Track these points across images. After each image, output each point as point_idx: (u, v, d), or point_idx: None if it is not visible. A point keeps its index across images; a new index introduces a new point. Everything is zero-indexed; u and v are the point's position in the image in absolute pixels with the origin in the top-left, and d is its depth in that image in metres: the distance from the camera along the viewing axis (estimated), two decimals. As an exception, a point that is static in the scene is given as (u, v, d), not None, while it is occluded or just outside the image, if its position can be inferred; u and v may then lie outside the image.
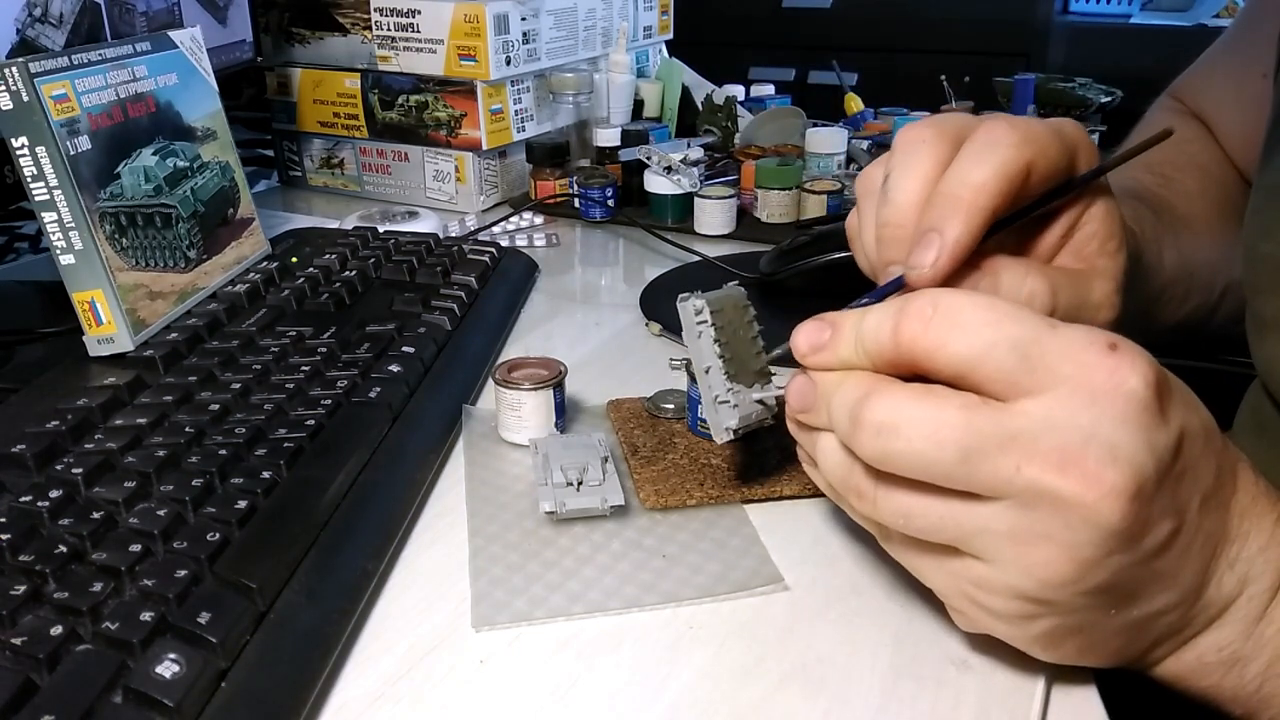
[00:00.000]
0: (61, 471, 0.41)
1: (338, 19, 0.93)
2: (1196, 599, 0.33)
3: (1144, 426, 0.29)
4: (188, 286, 0.59)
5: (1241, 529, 0.33)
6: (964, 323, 0.30)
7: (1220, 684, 0.34)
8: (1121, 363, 0.29)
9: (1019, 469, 0.29)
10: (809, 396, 0.34)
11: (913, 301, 0.31)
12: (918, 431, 0.30)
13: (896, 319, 0.31)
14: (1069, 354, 0.29)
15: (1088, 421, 0.29)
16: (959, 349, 0.30)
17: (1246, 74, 0.62)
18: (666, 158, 0.85)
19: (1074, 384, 0.29)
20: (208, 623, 0.33)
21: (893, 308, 0.32)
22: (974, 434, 0.29)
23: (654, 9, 1.13)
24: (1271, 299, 0.49)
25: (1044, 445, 0.29)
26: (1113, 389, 0.29)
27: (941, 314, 0.31)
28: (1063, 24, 2.18)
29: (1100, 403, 0.29)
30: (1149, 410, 0.29)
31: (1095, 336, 0.30)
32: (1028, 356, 0.29)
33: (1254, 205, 0.52)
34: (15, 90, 0.49)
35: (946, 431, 0.29)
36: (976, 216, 0.35)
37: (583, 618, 0.38)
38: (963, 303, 0.31)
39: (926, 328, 0.31)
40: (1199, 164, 0.65)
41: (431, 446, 0.49)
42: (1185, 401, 0.31)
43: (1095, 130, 1.06)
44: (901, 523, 0.32)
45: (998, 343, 0.30)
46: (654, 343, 0.65)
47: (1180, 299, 0.57)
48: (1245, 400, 0.57)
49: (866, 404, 0.31)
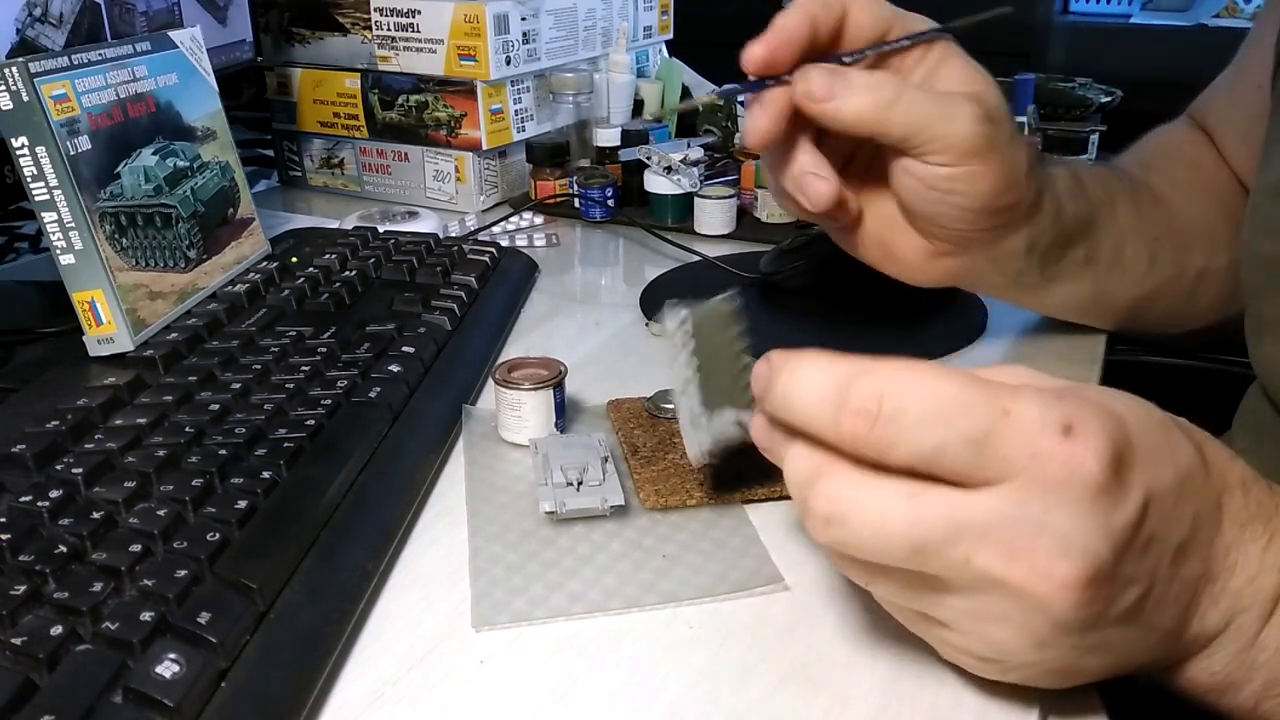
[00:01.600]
0: (61, 471, 0.41)
1: (338, 19, 0.93)
2: (1179, 638, 0.32)
3: (1099, 512, 0.28)
4: (188, 286, 0.59)
5: (1227, 563, 0.32)
6: (912, 421, 0.28)
7: (1218, 703, 0.34)
8: (1075, 449, 0.28)
9: (968, 561, 0.29)
10: (766, 438, 0.34)
11: (854, 391, 0.29)
12: (863, 522, 0.29)
13: (836, 417, 0.29)
14: (1023, 443, 0.28)
15: (1039, 512, 0.28)
16: (910, 450, 0.29)
17: (1243, 86, 0.63)
18: (666, 158, 0.85)
19: (1028, 476, 0.28)
20: (208, 623, 0.33)
21: (830, 390, 0.29)
22: (921, 527, 0.29)
23: (654, 9, 1.13)
24: (1269, 299, 0.49)
25: (994, 537, 0.28)
26: (1066, 478, 0.28)
27: (886, 414, 0.28)
28: (1063, 24, 2.17)
29: (1054, 492, 0.28)
30: (1104, 493, 0.28)
31: (1050, 418, 0.28)
32: (981, 451, 0.28)
33: (1252, 206, 0.52)
34: (15, 90, 0.49)
35: (892, 524, 0.29)
36: (802, 12, 0.44)
37: (583, 618, 0.38)
38: (909, 394, 0.28)
39: (871, 428, 0.29)
40: (1190, 160, 0.65)
41: (431, 446, 0.49)
42: (1153, 458, 0.30)
43: (1095, 130, 1.06)
44: (864, 584, 0.33)
45: (949, 442, 0.28)
46: (654, 343, 0.65)
47: (1146, 262, 0.57)
48: (1244, 401, 0.57)
49: (813, 490, 0.30)
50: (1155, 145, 0.68)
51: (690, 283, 0.73)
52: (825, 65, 0.44)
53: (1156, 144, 0.68)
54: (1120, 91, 1.11)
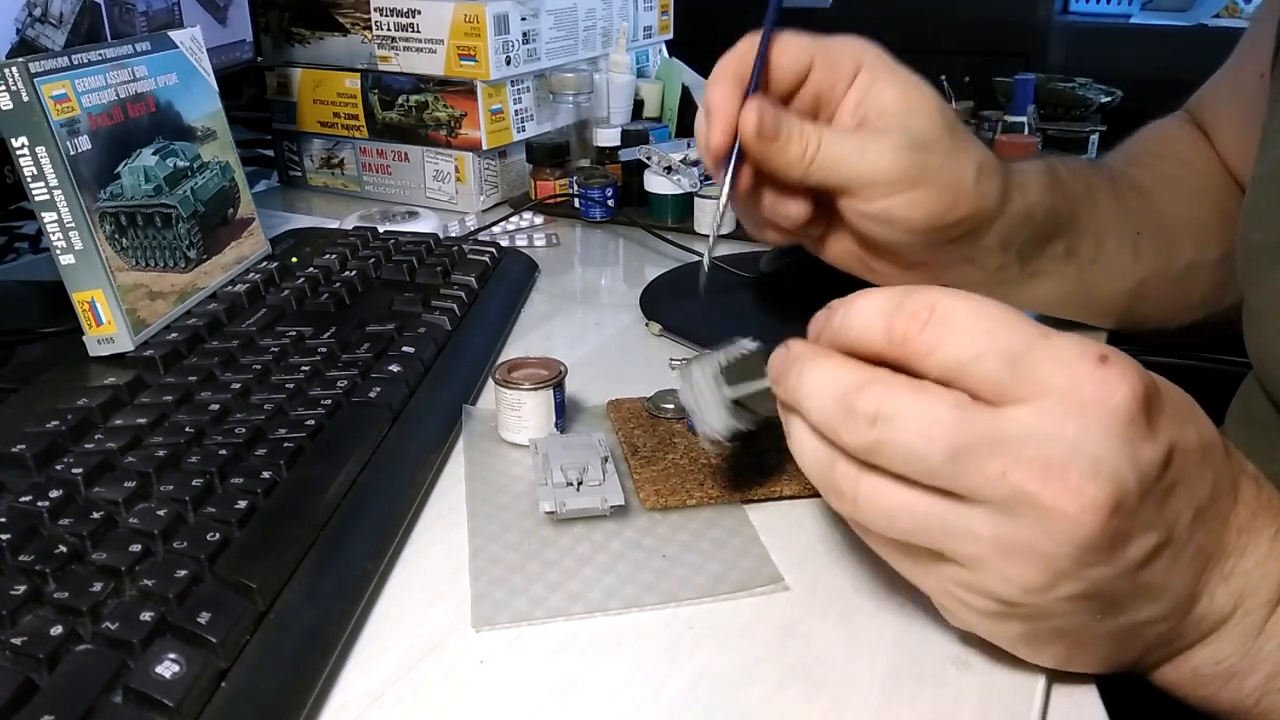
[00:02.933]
0: (61, 471, 0.41)
1: (338, 19, 0.93)
2: (1187, 612, 0.32)
3: (1128, 440, 0.29)
4: (188, 286, 0.59)
5: (1239, 543, 0.32)
6: (958, 328, 0.30)
7: (1218, 696, 0.34)
8: (1110, 375, 0.29)
9: (1004, 475, 0.29)
10: (781, 363, 0.34)
11: (909, 300, 0.31)
12: (912, 424, 0.30)
13: (890, 317, 0.31)
14: (1059, 364, 0.29)
15: (1073, 433, 0.29)
16: (951, 353, 0.30)
17: (1244, 78, 0.63)
18: (666, 158, 0.85)
19: (1061, 395, 0.29)
20: (208, 623, 0.33)
21: (887, 303, 0.32)
22: (965, 433, 0.29)
23: (654, 9, 1.13)
24: (1263, 289, 0.49)
25: (1030, 453, 0.29)
26: (1099, 401, 0.29)
27: (937, 317, 0.31)
28: (1063, 24, 2.17)
29: (1086, 415, 0.29)
30: (1134, 424, 0.29)
31: (1086, 348, 0.30)
32: (1017, 365, 0.29)
33: (1249, 195, 0.52)
34: (15, 90, 0.49)
35: (939, 427, 0.29)
36: (727, 82, 0.46)
37: (583, 618, 0.38)
38: (959, 307, 0.31)
39: (921, 329, 0.31)
40: (1179, 156, 0.66)
41: (431, 446, 0.49)
42: (1180, 415, 0.31)
43: (1095, 130, 1.06)
44: (884, 524, 0.32)
45: (989, 351, 0.30)
46: (654, 343, 0.65)
47: (1130, 255, 0.57)
48: (1239, 392, 0.57)
49: (861, 392, 0.31)
50: (1144, 140, 0.68)
51: (690, 283, 0.73)
52: (749, 124, 0.45)
53: (1145, 139, 0.68)
54: (1120, 91, 1.11)
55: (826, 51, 0.47)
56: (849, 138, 0.46)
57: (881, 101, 0.47)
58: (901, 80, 0.47)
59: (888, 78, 0.47)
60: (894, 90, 0.47)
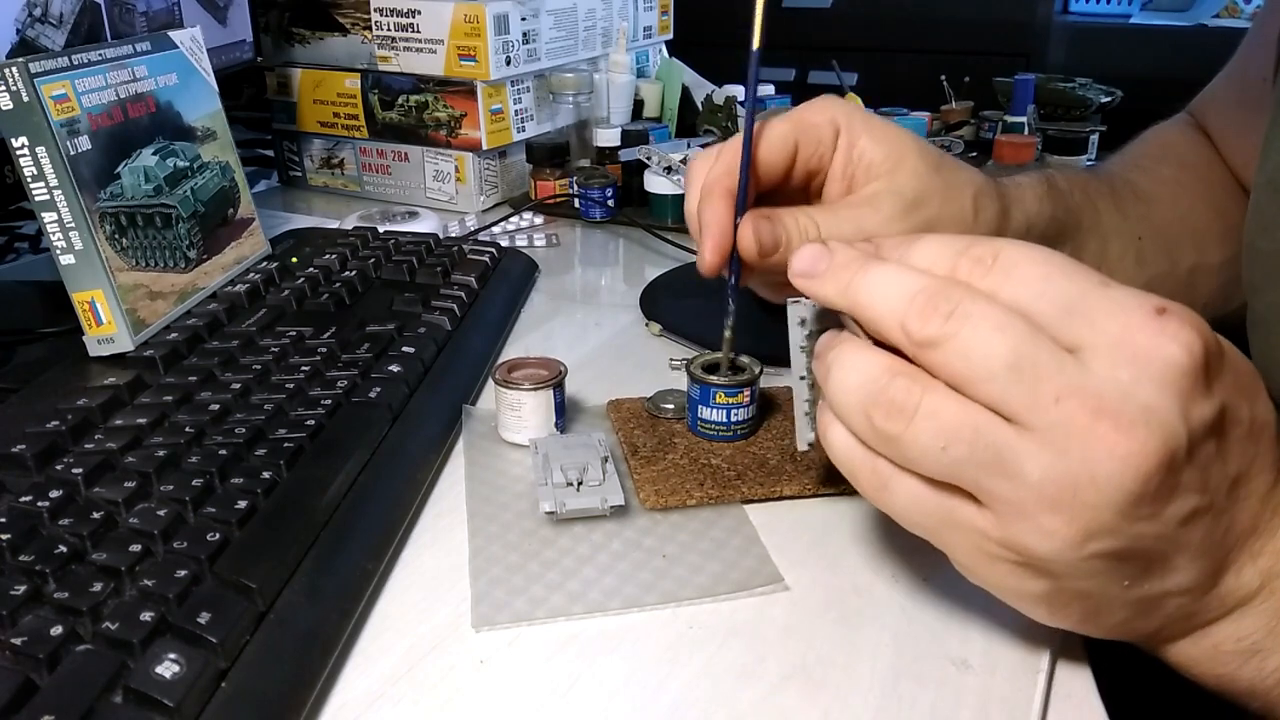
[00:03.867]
0: (61, 471, 0.41)
1: (338, 19, 0.93)
2: (1213, 585, 0.32)
3: (1182, 393, 0.29)
4: (188, 286, 0.59)
5: (1272, 523, 0.32)
6: (1018, 275, 0.31)
7: (1236, 674, 0.34)
8: (1167, 326, 0.29)
9: (1058, 400, 0.29)
10: (821, 259, 0.34)
11: (974, 247, 0.32)
12: (986, 322, 0.30)
13: (955, 260, 0.32)
14: (1115, 312, 0.30)
15: (1127, 379, 0.29)
16: (1008, 296, 0.31)
17: (1247, 81, 0.63)
18: (666, 158, 0.85)
19: (1116, 340, 0.29)
20: (208, 623, 0.33)
21: (952, 249, 0.32)
22: (1031, 348, 0.29)
23: (654, 9, 1.13)
24: (1268, 295, 0.49)
25: (1088, 390, 0.29)
26: (1153, 350, 0.29)
27: (1000, 264, 0.31)
28: (1063, 24, 2.17)
29: (1139, 363, 0.29)
30: (1189, 377, 0.29)
31: (1145, 300, 0.30)
32: (1073, 310, 0.30)
33: (1253, 202, 0.52)
34: (15, 90, 0.49)
35: (1009, 334, 0.30)
36: (718, 200, 0.44)
37: (583, 618, 0.38)
38: (1020, 255, 0.31)
39: (985, 274, 0.31)
40: (1180, 159, 0.65)
41: (431, 446, 0.49)
42: (1239, 384, 0.31)
43: (1095, 130, 1.06)
44: (940, 446, 0.30)
45: (1046, 294, 0.30)
46: (654, 343, 0.65)
47: (1134, 260, 0.57)
48: None
49: (946, 290, 0.31)
50: (1145, 145, 0.68)
51: (690, 283, 0.73)
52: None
53: (1146, 144, 0.68)
54: (1120, 91, 1.11)
55: (805, 126, 0.47)
56: (844, 214, 0.46)
57: (865, 160, 0.47)
58: (879, 134, 0.47)
59: (865, 136, 0.47)
60: (874, 147, 0.47)
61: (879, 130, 0.47)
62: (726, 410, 0.48)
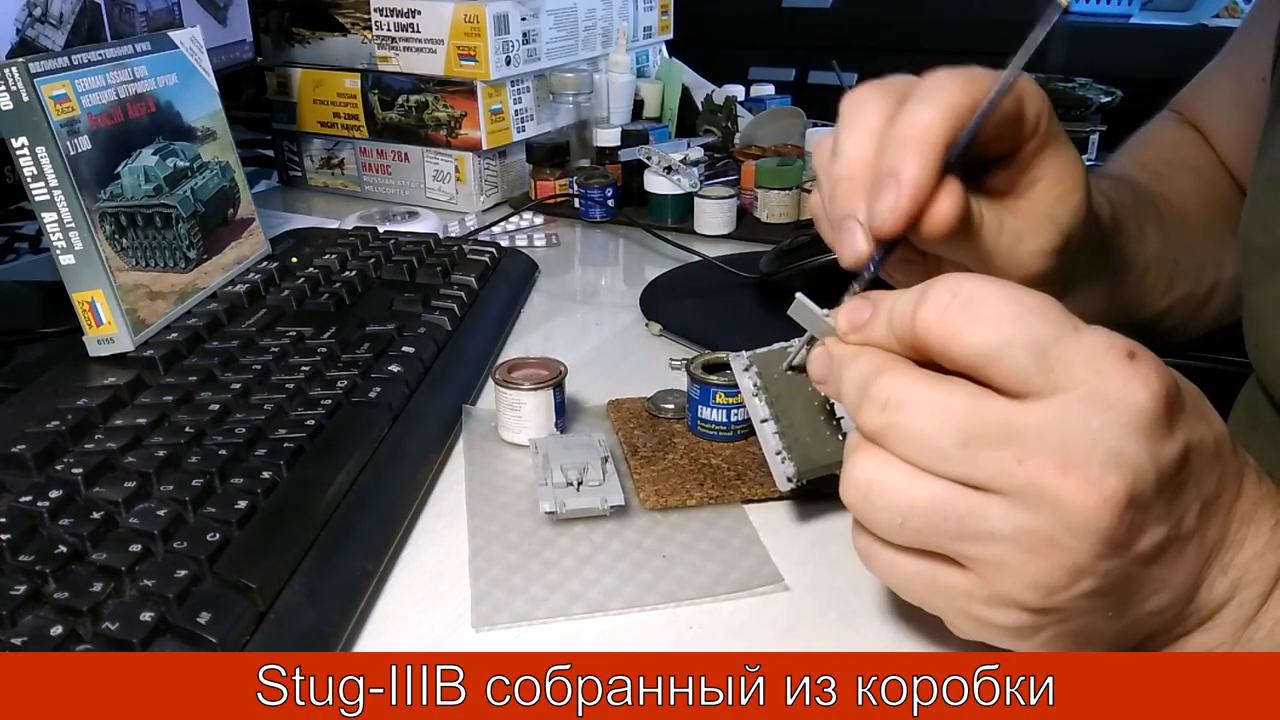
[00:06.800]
0: (61, 471, 0.41)
1: (338, 19, 0.93)
2: (1189, 601, 0.33)
3: (1151, 438, 0.29)
4: (188, 286, 0.59)
5: (1239, 535, 0.33)
6: (983, 316, 0.30)
7: None
8: (1138, 372, 0.29)
9: (1020, 463, 0.29)
10: (825, 367, 0.35)
11: (934, 286, 0.31)
12: (922, 408, 0.30)
13: (916, 304, 0.31)
14: (1088, 358, 0.29)
15: (1097, 427, 0.29)
16: (974, 341, 0.30)
17: (1244, 79, 0.62)
18: (666, 158, 0.85)
19: (1089, 389, 0.29)
20: (208, 623, 0.33)
21: (918, 291, 0.31)
22: (977, 421, 0.29)
23: (654, 9, 1.13)
24: (1265, 290, 0.49)
25: (1050, 444, 0.29)
26: (1126, 397, 0.29)
27: (960, 303, 0.30)
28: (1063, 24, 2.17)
29: (1113, 410, 0.29)
30: (1158, 422, 0.29)
31: (1115, 342, 0.30)
32: (1045, 356, 0.29)
33: (1250, 197, 0.52)
34: (15, 90, 0.49)
35: (950, 415, 0.30)
36: (929, 152, 0.35)
37: (583, 618, 0.38)
38: (984, 293, 0.30)
39: (942, 315, 0.30)
40: (1193, 165, 0.65)
41: (431, 446, 0.49)
42: (1196, 411, 0.31)
43: (1095, 130, 1.06)
44: (898, 523, 0.31)
45: (1016, 339, 0.29)
46: (654, 343, 0.65)
47: (1165, 284, 0.56)
48: (1241, 394, 0.57)
49: (876, 378, 0.31)
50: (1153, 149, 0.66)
51: (690, 283, 0.73)
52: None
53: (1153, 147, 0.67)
54: (1120, 91, 1.11)
55: (1032, 98, 0.40)
56: (1004, 230, 0.40)
57: (1039, 170, 0.41)
58: (1064, 156, 0.41)
59: (1052, 148, 0.41)
60: (1055, 164, 0.42)
61: (1064, 150, 0.41)
62: (726, 410, 0.48)
